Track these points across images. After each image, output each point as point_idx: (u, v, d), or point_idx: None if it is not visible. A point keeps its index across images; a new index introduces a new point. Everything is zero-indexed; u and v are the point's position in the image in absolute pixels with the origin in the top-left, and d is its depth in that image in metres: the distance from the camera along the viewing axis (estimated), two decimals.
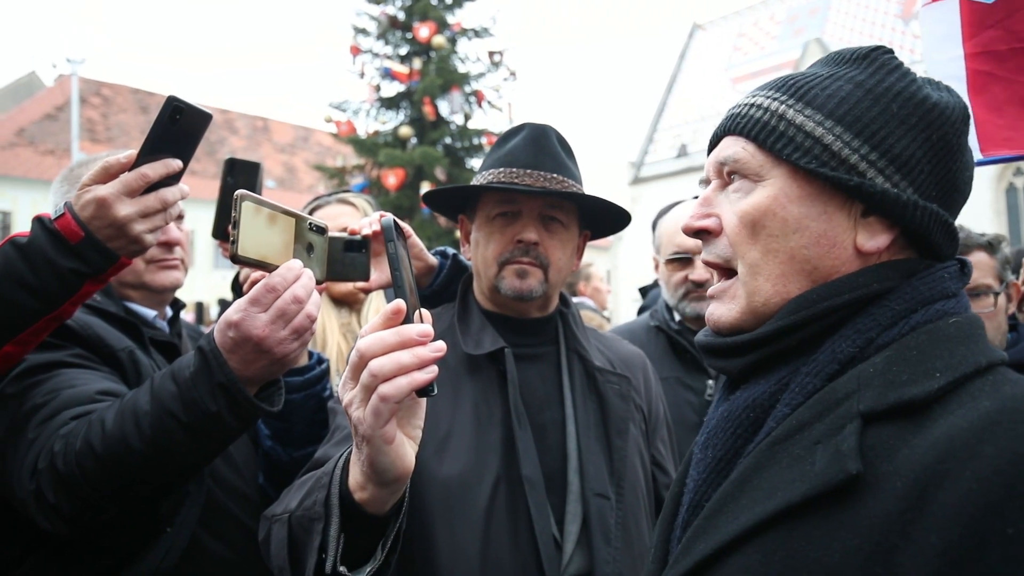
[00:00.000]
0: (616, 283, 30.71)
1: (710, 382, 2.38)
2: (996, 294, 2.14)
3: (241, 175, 1.81)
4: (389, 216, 1.00)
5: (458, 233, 1.79)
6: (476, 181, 1.64)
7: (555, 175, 1.58)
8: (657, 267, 2.63)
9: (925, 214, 0.87)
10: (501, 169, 1.60)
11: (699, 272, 2.36)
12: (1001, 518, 0.65)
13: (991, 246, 2.19)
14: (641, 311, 3.73)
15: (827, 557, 0.73)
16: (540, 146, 1.60)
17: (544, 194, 1.57)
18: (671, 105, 35.90)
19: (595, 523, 1.48)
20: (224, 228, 1.85)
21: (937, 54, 2.20)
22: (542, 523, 1.44)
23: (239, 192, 1.08)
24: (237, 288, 2.10)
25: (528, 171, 1.57)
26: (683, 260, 2.40)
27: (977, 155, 2.09)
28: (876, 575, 0.70)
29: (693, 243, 2.36)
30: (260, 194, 1.86)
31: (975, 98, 2.11)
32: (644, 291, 3.92)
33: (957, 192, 0.91)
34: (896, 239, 0.89)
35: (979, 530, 0.66)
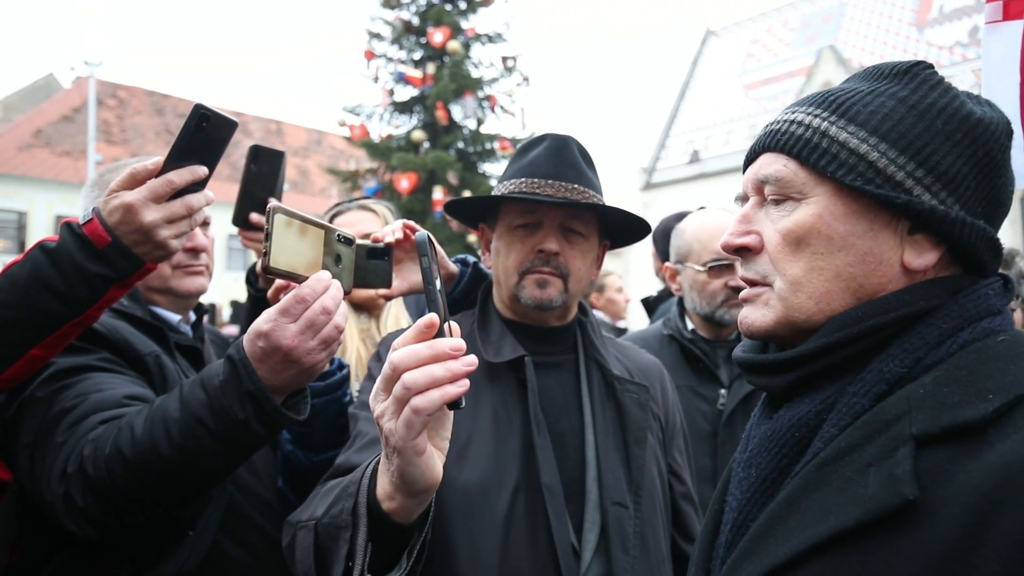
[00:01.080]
0: (627, 290, 30.59)
1: (722, 391, 2.36)
2: (1011, 311, 2.13)
3: (265, 163, 1.83)
4: (424, 231, 1.02)
5: (471, 237, 1.81)
6: (497, 191, 1.65)
7: (576, 186, 1.58)
8: (673, 276, 2.61)
9: (973, 231, 0.86)
10: (523, 179, 1.60)
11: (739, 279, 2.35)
12: None
13: (1004, 262, 2.18)
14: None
15: None
16: (562, 157, 1.61)
17: (565, 205, 1.58)
18: (684, 111, 35.83)
19: (613, 531, 1.48)
20: (245, 215, 1.86)
21: (994, 79, 2.15)
22: (561, 531, 1.45)
23: (272, 204, 1.11)
24: (252, 280, 2.11)
25: (549, 181, 1.57)
26: (724, 267, 2.38)
27: None
28: None
29: None
30: (283, 182, 1.88)
31: None
32: (647, 302, 3.87)
33: (1001, 207, 0.90)
34: (942, 256, 0.88)
35: None
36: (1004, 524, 0.68)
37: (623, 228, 1.75)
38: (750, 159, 1.00)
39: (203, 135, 1.30)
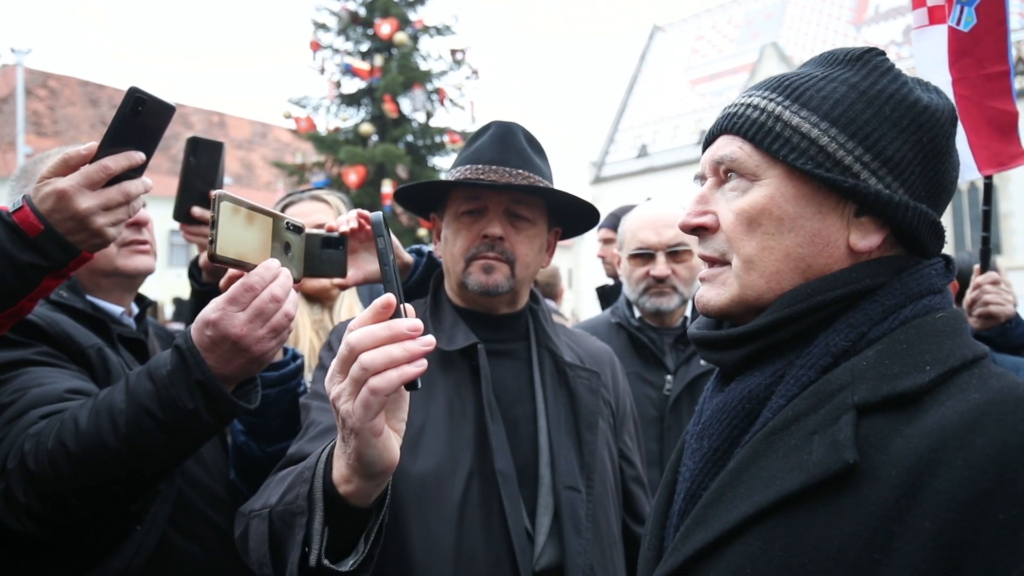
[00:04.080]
0: (578, 282, 30.94)
1: (668, 377, 2.43)
2: None
3: (204, 155, 1.79)
4: (379, 212, 1.02)
5: (421, 231, 1.81)
6: (444, 179, 1.67)
7: (520, 171, 1.60)
8: (619, 263, 2.68)
9: (916, 215, 0.90)
10: (467, 166, 1.62)
11: (660, 268, 2.41)
12: (993, 504, 0.68)
13: None
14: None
15: (826, 544, 0.76)
16: (506, 143, 1.62)
17: (507, 189, 1.59)
18: (631, 106, 36.27)
19: (566, 515, 1.51)
20: (186, 210, 1.83)
21: (929, 80, 2.32)
22: (515, 516, 1.47)
23: (217, 192, 1.09)
24: (196, 275, 2.08)
25: (493, 167, 1.59)
26: (645, 256, 2.45)
27: (975, 174, 2.27)
28: (874, 560, 0.73)
29: (656, 239, 2.41)
30: (223, 174, 1.86)
31: (963, 122, 2.24)
32: (602, 291, 3.97)
33: (944, 192, 0.94)
34: (886, 238, 0.92)
35: (972, 516, 0.69)
36: (937, 484, 0.71)
37: (573, 215, 1.77)
38: (709, 141, 1.02)
39: (139, 120, 1.26)
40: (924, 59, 2.34)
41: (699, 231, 1.00)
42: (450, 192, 1.67)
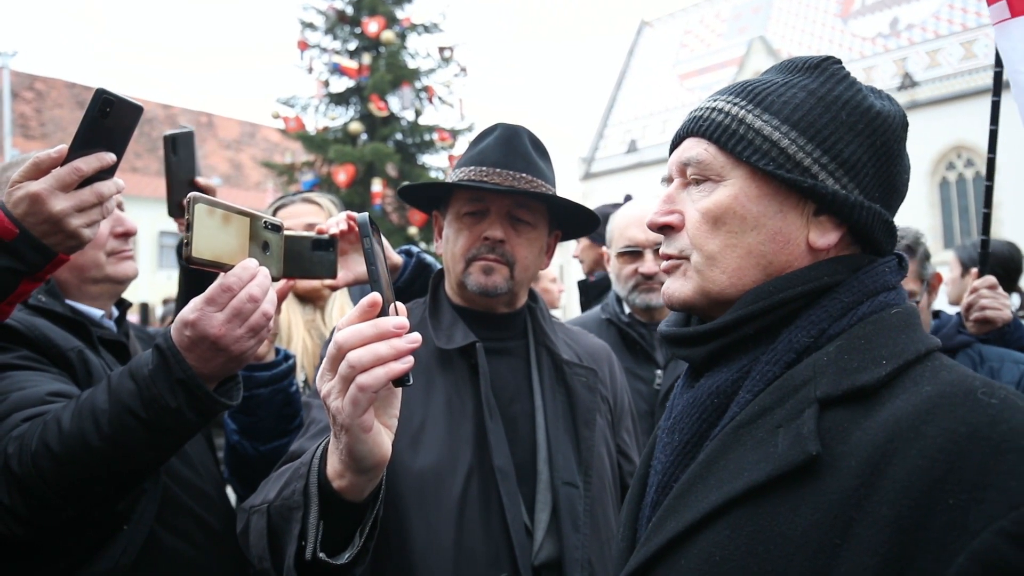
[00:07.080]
0: (568, 278, 31.02)
1: (658, 371, 2.45)
2: (916, 302, 2.25)
3: (181, 148, 1.85)
4: (365, 213, 1.03)
5: (411, 229, 1.82)
6: (449, 179, 1.68)
7: (524, 175, 1.61)
8: (608, 260, 2.70)
9: (870, 214, 0.95)
10: (472, 167, 1.63)
11: (648, 265, 2.43)
12: (944, 491, 0.72)
13: (911, 249, 2.29)
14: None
15: (791, 530, 0.79)
16: (511, 146, 1.64)
17: (511, 193, 1.60)
18: (620, 101, 36.37)
19: (564, 511, 1.53)
20: (178, 203, 1.86)
21: (1020, 73, 2.13)
22: (514, 512, 1.48)
23: (192, 195, 1.09)
24: (188, 273, 2.09)
25: (497, 170, 1.60)
26: (634, 253, 2.47)
27: None
28: (835, 545, 0.76)
29: (643, 237, 2.43)
30: (197, 157, 1.90)
31: None
32: (583, 285, 3.96)
33: (896, 193, 0.99)
34: (843, 236, 0.96)
35: (925, 502, 0.73)
36: (893, 472, 0.76)
37: (573, 219, 1.78)
38: (676, 143, 1.07)
39: (108, 121, 1.27)
40: (1013, 55, 2.17)
41: (665, 229, 1.04)
42: (453, 191, 1.68)
